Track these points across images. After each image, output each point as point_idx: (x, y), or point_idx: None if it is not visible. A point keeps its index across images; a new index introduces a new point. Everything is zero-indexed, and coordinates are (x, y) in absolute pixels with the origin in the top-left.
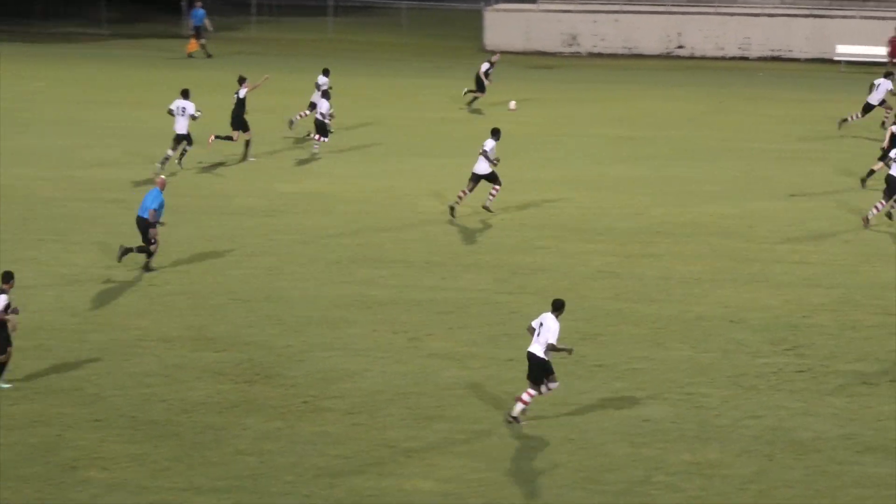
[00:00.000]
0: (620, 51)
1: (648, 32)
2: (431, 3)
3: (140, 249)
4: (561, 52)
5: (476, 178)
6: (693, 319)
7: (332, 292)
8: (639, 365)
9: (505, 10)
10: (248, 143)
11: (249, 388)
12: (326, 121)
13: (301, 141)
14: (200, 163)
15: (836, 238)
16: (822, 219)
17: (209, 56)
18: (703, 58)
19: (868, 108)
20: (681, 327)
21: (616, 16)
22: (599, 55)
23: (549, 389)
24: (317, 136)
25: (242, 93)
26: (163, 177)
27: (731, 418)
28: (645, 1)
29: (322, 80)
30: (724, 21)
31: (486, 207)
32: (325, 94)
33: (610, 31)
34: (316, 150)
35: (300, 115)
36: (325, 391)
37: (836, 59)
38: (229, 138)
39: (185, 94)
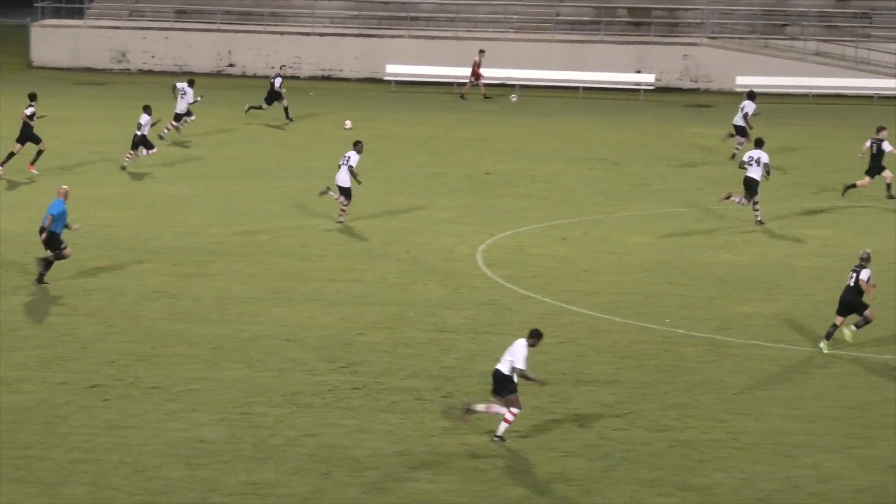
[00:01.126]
0: (171, 68)
1: (199, 50)
2: None
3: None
4: (110, 69)
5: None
6: (249, 339)
7: None
8: (195, 385)
9: (52, 26)
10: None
11: None
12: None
13: None
14: None
15: (389, 256)
16: (375, 237)
17: None
18: (254, 76)
19: (738, 130)
20: (237, 347)
21: (166, 33)
22: (150, 72)
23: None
24: (146, 151)
25: (30, 111)
26: (65, 187)
27: (286, 437)
28: (195, 18)
29: (182, 86)
30: (274, 40)
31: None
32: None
33: (160, 48)
34: (129, 160)
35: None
36: None
37: (387, 78)
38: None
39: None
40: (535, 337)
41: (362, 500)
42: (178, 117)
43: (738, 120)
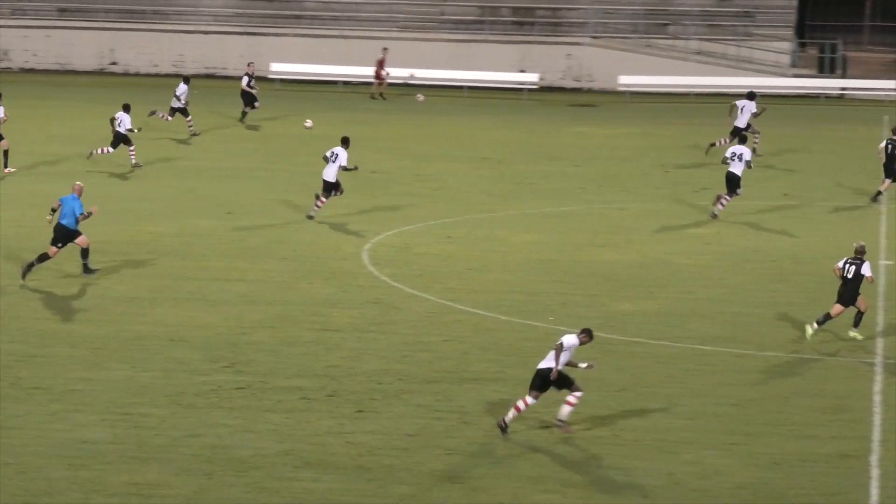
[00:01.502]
0: (54, 66)
1: (82, 48)
2: None
3: (41, 259)
4: None
5: (334, 186)
6: (132, 339)
7: None
8: (77, 386)
9: None
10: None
11: None
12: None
13: None
14: None
15: (274, 255)
16: (259, 236)
17: None
18: (137, 74)
19: (736, 131)
20: (120, 347)
21: (48, 31)
22: (32, 70)
23: (576, 399)
24: (104, 150)
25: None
26: (79, 183)
27: (170, 437)
28: (78, 16)
29: (182, 88)
30: (157, 38)
31: (310, 216)
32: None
33: (42, 47)
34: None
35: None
36: None
37: (271, 76)
38: None
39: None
40: (586, 334)
41: (246, 499)
42: (174, 111)
43: (741, 122)
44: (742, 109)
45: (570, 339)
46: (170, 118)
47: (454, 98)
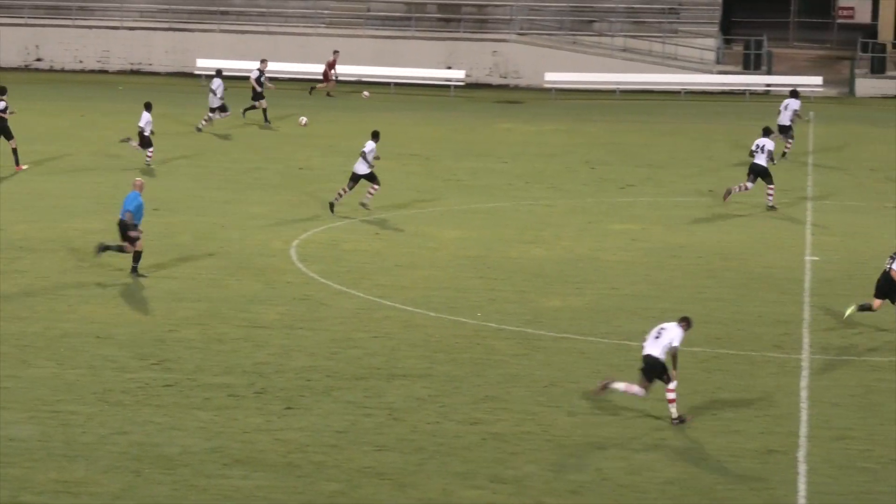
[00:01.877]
0: None
1: (7, 44)
2: None
3: (119, 249)
4: None
5: (355, 178)
6: (59, 336)
7: None
8: (4, 384)
9: None
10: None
11: None
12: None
13: None
14: None
15: (201, 252)
16: (187, 233)
17: None
18: (62, 70)
19: (782, 129)
20: (47, 344)
21: None
22: None
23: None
24: (148, 151)
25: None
26: (140, 179)
27: (97, 435)
28: (1, 12)
29: (216, 82)
30: (82, 34)
31: (363, 204)
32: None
33: None
34: (148, 161)
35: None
36: None
37: (197, 73)
38: None
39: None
40: (686, 321)
41: (174, 497)
42: (214, 110)
43: (784, 119)
44: (787, 107)
45: (679, 332)
46: (211, 116)
47: (381, 94)
